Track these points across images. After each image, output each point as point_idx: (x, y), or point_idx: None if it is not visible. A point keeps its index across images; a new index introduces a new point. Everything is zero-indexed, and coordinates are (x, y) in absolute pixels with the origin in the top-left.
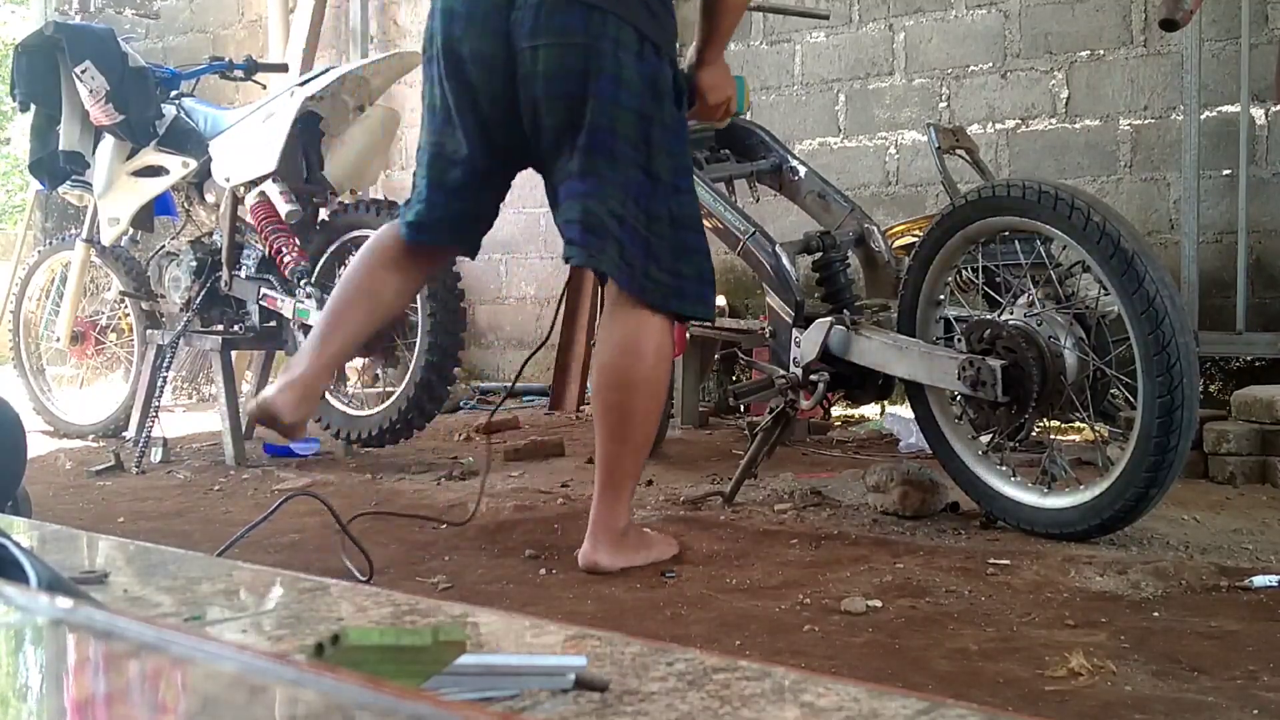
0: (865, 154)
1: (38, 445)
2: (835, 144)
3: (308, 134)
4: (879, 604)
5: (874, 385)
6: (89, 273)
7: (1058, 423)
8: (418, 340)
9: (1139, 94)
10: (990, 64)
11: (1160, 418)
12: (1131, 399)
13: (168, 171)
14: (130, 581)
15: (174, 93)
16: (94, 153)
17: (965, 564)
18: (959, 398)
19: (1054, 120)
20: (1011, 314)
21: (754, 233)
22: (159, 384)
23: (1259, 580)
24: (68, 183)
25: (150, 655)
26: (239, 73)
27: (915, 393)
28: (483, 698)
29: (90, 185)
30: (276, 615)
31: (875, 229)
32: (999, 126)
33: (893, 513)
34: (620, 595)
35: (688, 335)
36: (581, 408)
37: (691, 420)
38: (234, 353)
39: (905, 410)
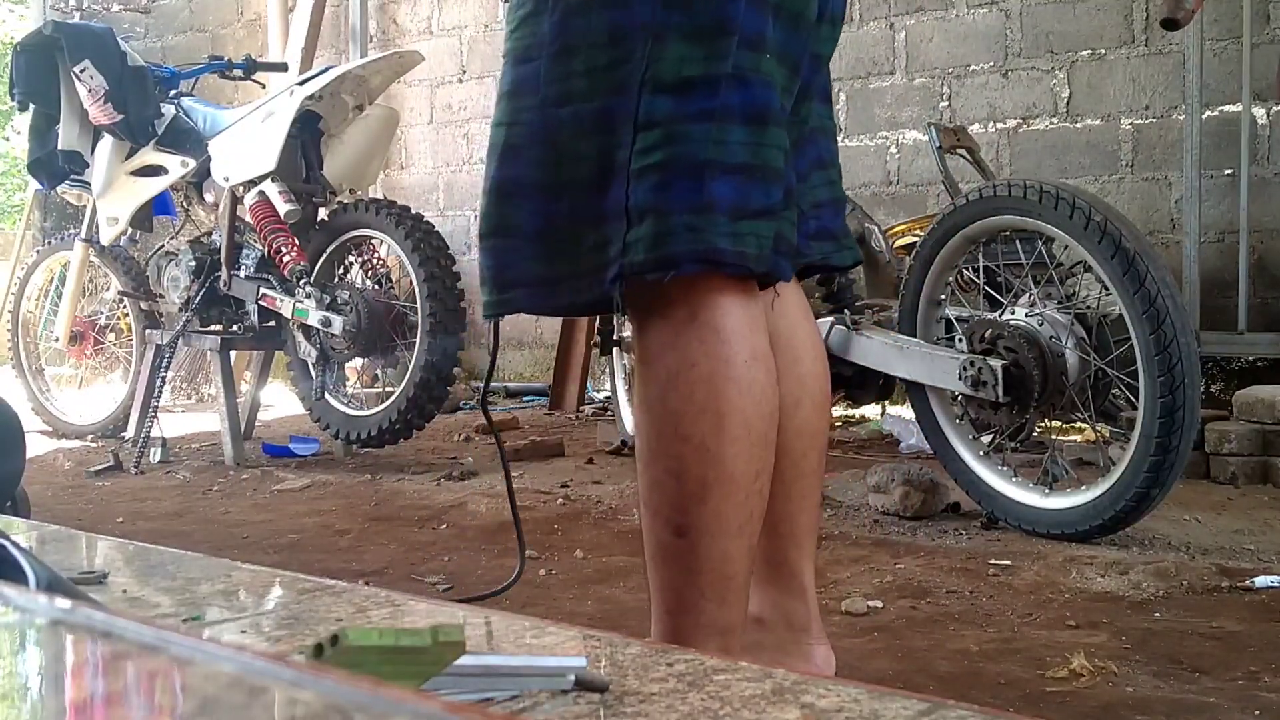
0: (866, 153)
1: (37, 445)
2: None
3: (307, 133)
4: (880, 604)
5: (875, 385)
6: (88, 272)
7: (1059, 423)
8: (417, 340)
9: (1140, 93)
10: (991, 63)
11: (1162, 418)
12: (1133, 399)
13: (166, 171)
14: (129, 582)
15: (173, 92)
16: (93, 152)
17: (966, 564)
18: (960, 398)
19: (1055, 120)
20: (1013, 314)
21: None
22: (158, 384)
23: (1261, 581)
24: (66, 182)
25: (149, 656)
26: (238, 72)
27: (916, 393)
28: (483, 699)
29: (89, 185)
30: (276, 616)
31: (876, 228)
32: (1000, 126)
33: (894, 513)
34: (620, 596)
35: None
36: (581, 408)
37: None
38: (233, 352)
39: (906, 411)
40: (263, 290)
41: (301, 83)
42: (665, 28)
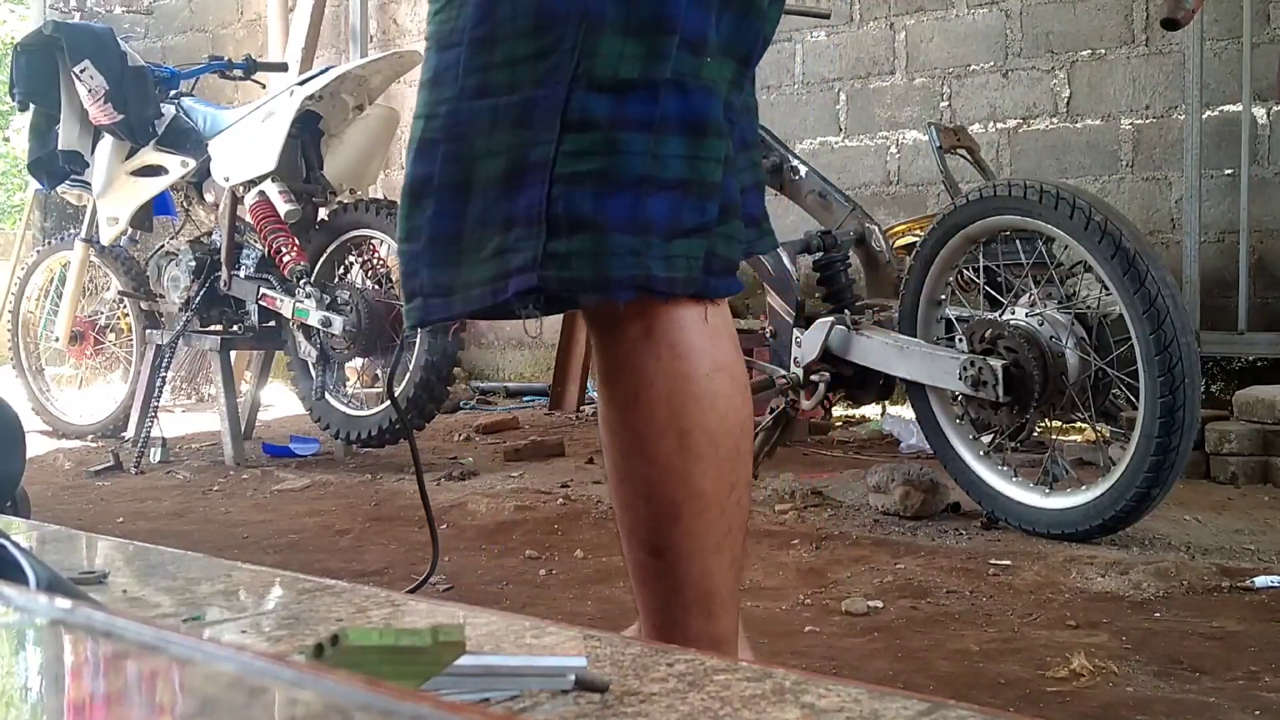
0: (866, 153)
1: (37, 445)
2: (836, 143)
3: (307, 133)
4: (880, 604)
5: (875, 385)
6: (88, 272)
7: (1059, 423)
8: (417, 340)
9: (1140, 93)
10: (991, 63)
11: (1162, 418)
12: (1133, 399)
13: (167, 171)
14: (129, 582)
15: (173, 92)
16: (93, 152)
17: (966, 564)
18: (960, 398)
19: (1055, 120)
20: (1013, 314)
21: None
22: (158, 384)
23: (1261, 581)
24: (66, 182)
25: (149, 656)
26: (238, 72)
27: (916, 393)
28: (482, 699)
29: (89, 185)
30: (276, 616)
31: (876, 228)
32: (1000, 126)
33: (894, 513)
34: (620, 596)
35: None
36: (581, 408)
37: None
38: (233, 353)
39: (906, 411)
40: (263, 290)
41: (301, 83)
42: (600, 19)
